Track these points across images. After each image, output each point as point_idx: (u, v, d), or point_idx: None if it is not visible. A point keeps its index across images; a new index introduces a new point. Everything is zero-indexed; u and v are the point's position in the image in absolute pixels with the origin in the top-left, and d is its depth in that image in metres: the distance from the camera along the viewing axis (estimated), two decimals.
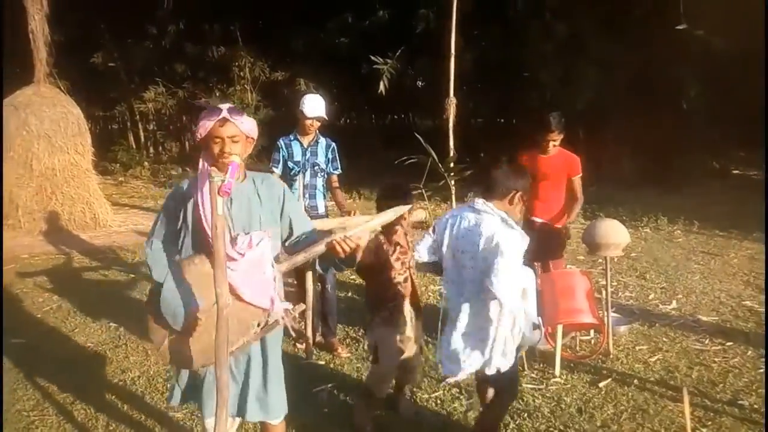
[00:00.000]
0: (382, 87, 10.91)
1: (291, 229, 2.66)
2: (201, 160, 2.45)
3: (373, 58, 10.84)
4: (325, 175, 4.80)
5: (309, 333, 4.39)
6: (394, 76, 11.09)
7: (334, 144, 4.82)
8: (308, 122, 4.64)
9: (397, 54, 11.03)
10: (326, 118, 4.69)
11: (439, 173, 8.56)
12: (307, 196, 4.73)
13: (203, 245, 2.41)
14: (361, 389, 3.63)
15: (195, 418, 3.55)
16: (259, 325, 2.45)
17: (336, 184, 4.90)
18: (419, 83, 15.43)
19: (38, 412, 3.73)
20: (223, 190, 2.20)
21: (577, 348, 4.59)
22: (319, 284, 4.97)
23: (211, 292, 2.25)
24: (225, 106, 2.45)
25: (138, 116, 17.05)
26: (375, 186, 12.19)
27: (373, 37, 13.39)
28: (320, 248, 2.44)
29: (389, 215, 2.71)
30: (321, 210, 4.80)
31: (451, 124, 9.21)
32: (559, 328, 4.13)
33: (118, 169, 15.36)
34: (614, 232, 4.35)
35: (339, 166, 4.85)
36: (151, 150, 17.96)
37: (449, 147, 9.05)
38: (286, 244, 2.68)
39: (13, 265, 7.28)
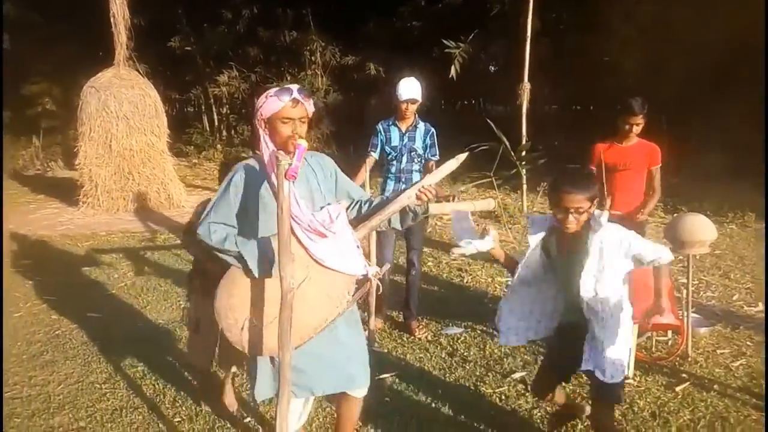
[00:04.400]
0: (453, 71, 10.69)
1: (350, 197, 2.70)
2: (263, 141, 2.41)
3: (445, 41, 10.62)
4: (422, 161, 4.72)
5: (372, 319, 4.37)
6: (466, 60, 10.83)
7: (433, 129, 4.74)
8: (403, 105, 4.56)
9: (470, 38, 10.76)
10: (419, 100, 4.59)
11: (510, 161, 8.30)
12: (403, 180, 4.69)
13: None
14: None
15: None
16: (348, 292, 2.46)
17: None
18: (492, 68, 15.08)
19: (110, 385, 3.85)
20: (289, 173, 2.17)
21: (653, 349, 4.34)
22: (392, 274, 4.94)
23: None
24: (294, 87, 2.41)
25: (212, 100, 17.46)
26: None
27: (446, 20, 13.16)
28: (402, 203, 2.45)
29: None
30: None
31: (524, 111, 8.93)
32: (635, 328, 3.91)
33: (192, 152, 15.80)
34: (701, 229, 4.06)
35: (437, 153, 4.75)
36: (224, 133, 18.36)
37: (522, 134, 8.77)
38: (348, 211, 2.66)
39: (90, 241, 7.59)
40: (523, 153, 8.41)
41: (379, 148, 4.72)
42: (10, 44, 14.74)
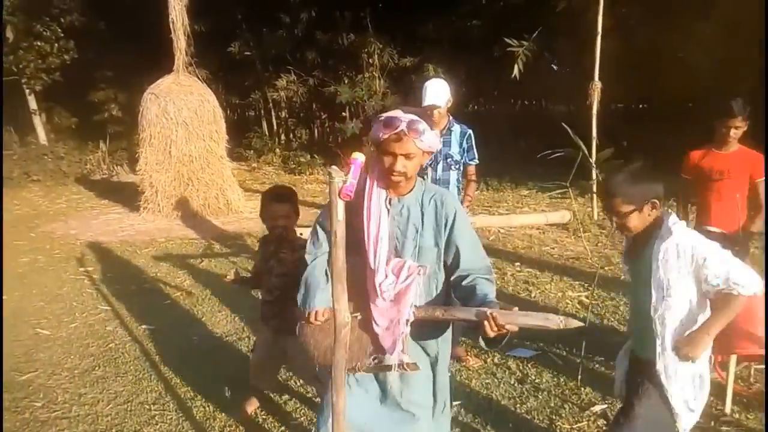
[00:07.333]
0: (516, 71, 10.25)
1: (457, 260, 2.26)
2: (372, 162, 2.15)
3: (507, 40, 10.20)
4: (461, 168, 4.30)
5: None
6: (529, 59, 10.37)
7: (470, 131, 4.29)
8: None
9: (534, 35, 10.30)
10: (441, 106, 4.02)
11: (581, 166, 7.79)
12: None
13: (358, 253, 2.18)
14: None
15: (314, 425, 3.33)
16: (374, 358, 2.21)
17: (473, 177, 4.42)
18: (555, 66, 14.52)
19: (159, 406, 3.70)
20: (344, 192, 1.93)
21: (752, 380, 3.86)
22: None
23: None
24: (406, 118, 2.10)
25: (271, 104, 17.52)
26: (503, 176, 11.65)
27: (508, 18, 12.73)
28: (468, 316, 2.06)
29: (539, 321, 2.06)
30: None
31: (594, 110, 8.44)
32: (733, 358, 3.47)
33: (252, 156, 15.87)
34: None
35: (476, 156, 4.33)
36: (283, 137, 18.41)
37: (591, 136, 8.25)
38: (450, 277, 2.31)
39: (149, 248, 7.57)
40: (603, 160, 7.89)
41: None
42: (76, 52, 15.20)
